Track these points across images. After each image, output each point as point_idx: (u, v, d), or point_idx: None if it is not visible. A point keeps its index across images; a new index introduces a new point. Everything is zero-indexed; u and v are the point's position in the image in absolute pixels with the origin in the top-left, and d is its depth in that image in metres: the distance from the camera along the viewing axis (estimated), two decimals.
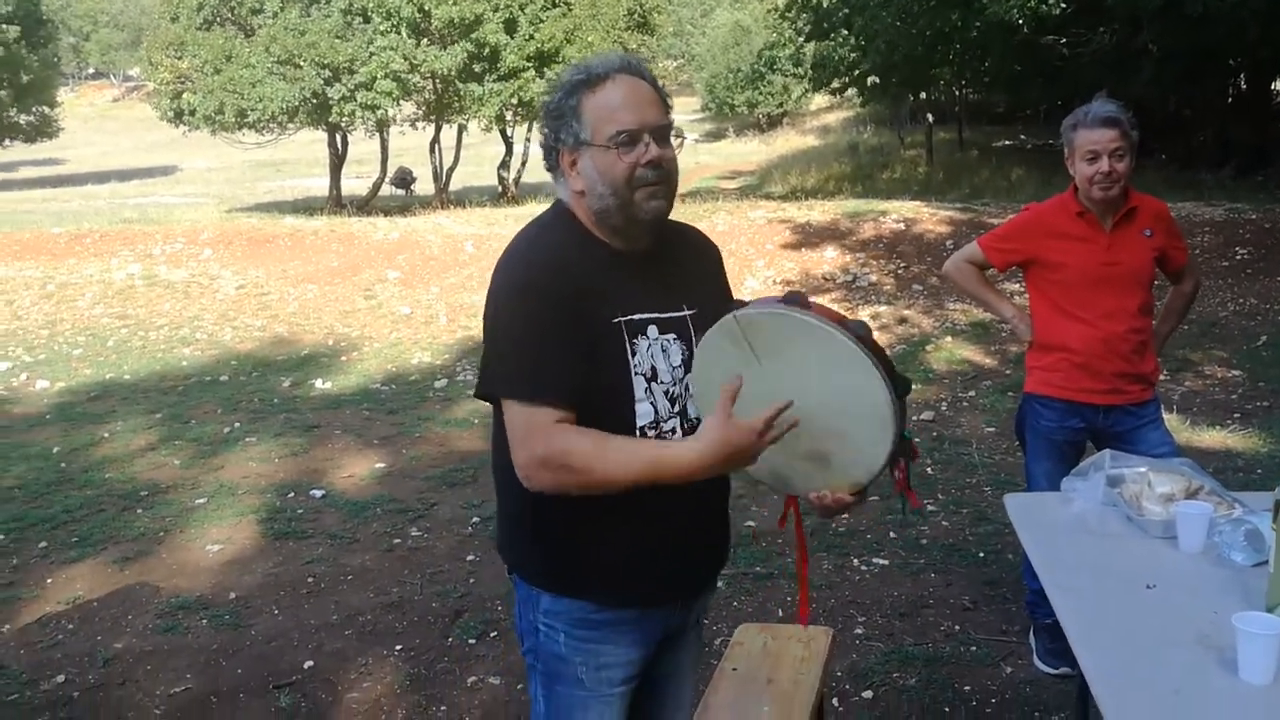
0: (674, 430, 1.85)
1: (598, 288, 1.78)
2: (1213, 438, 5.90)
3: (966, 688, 3.40)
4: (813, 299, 1.83)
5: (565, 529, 1.83)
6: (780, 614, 3.98)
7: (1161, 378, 3.49)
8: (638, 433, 1.80)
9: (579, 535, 1.83)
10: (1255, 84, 18.95)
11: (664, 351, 1.84)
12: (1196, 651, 1.89)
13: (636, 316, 1.81)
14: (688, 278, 1.93)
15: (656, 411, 1.82)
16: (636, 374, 1.80)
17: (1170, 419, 4.75)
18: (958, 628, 3.81)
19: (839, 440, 1.77)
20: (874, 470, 1.79)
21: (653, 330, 1.83)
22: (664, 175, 1.78)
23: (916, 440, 1.90)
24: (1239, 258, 10.21)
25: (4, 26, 33.95)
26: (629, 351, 1.79)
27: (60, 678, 3.72)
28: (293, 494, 5.60)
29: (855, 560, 4.44)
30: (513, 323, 1.76)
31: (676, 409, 1.85)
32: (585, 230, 1.83)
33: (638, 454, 1.71)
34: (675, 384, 1.85)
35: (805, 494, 1.87)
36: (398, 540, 4.90)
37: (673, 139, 1.80)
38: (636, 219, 1.78)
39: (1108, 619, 2.06)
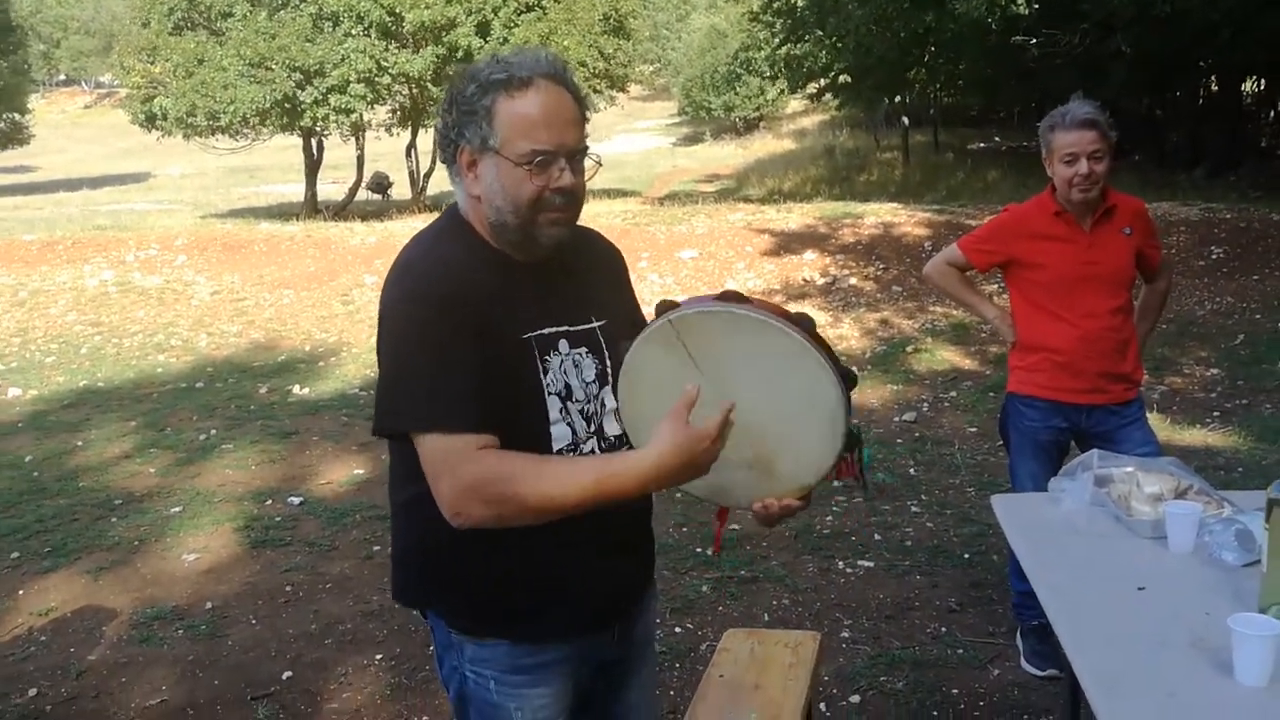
0: (593, 451, 1.72)
1: (502, 302, 1.64)
2: (1193, 436, 5.93)
3: (954, 691, 3.38)
4: (787, 307, 1.73)
5: (484, 570, 1.70)
6: (766, 618, 3.95)
7: (1143, 376, 3.48)
8: None
9: (499, 575, 1.71)
10: (1225, 85, 19.15)
11: (576, 367, 1.71)
12: (1190, 654, 1.87)
13: (546, 331, 1.68)
14: (594, 287, 1.80)
15: (574, 433, 1.69)
16: (550, 394, 1.67)
17: (1151, 418, 4.74)
18: (944, 630, 3.79)
19: (785, 443, 1.65)
20: (823, 471, 1.67)
21: (563, 345, 1.70)
22: (571, 202, 1.65)
23: (862, 435, 1.77)
24: (1215, 257, 10.29)
25: None
26: (540, 370, 1.66)
27: (32, 691, 3.64)
28: (270, 501, 5.53)
29: (840, 562, 4.42)
30: (416, 344, 1.59)
31: (593, 428, 1.72)
32: (482, 240, 1.69)
33: (583, 470, 1.59)
34: (590, 401, 1.72)
35: (748, 504, 1.71)
36: (377, 547, 4.84)
37: (587, 162, 1.68)
38: (535, 241, 1.66)
39: (1099, 621, 2.04)
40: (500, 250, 1.69)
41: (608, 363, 1.75)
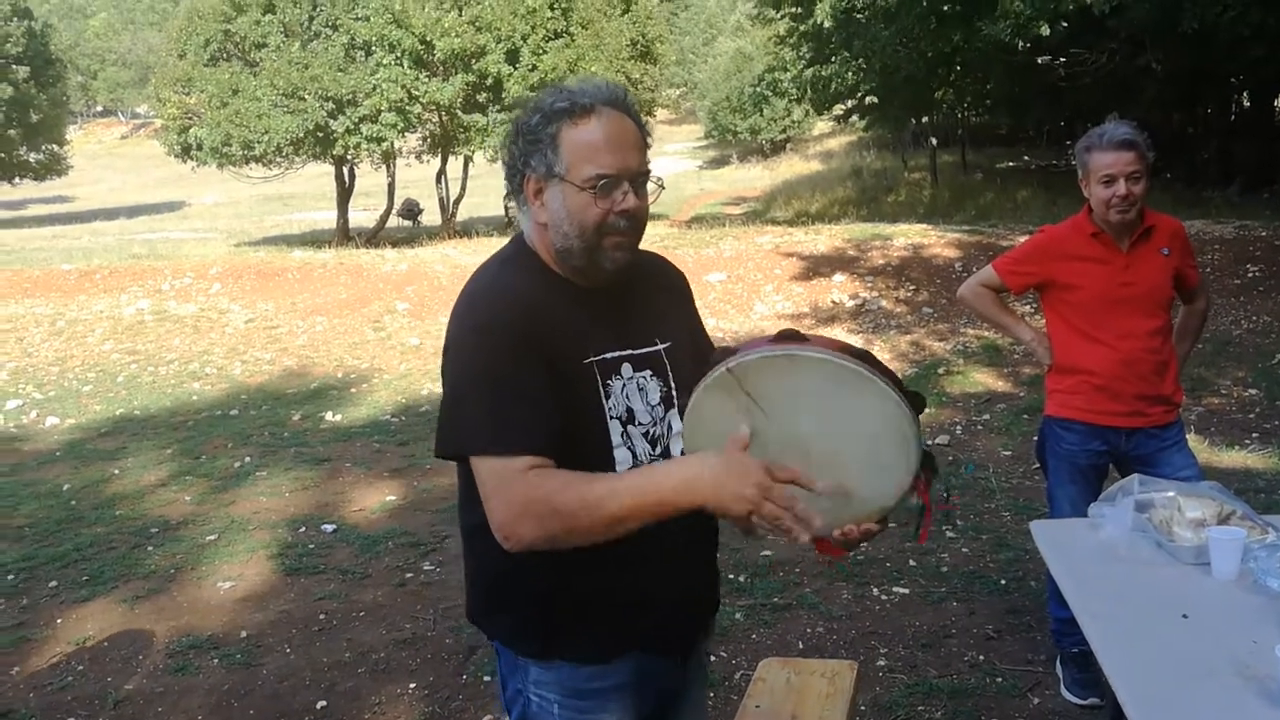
0: None
1: (565, 327, 1.67)
2: (1232, 458, 5.84)
3: None
4: (816, 330, 1.72)
5: (548, 592, 1.73)
6: (801, 646, 3.92)
7: (1183, 399, 3.43)
8: None
9: (563, 597, 1.73)
10: (1258, 102, 18.99)
11: (640, 390, 1.74)
12: (1236, 683, 1.83)
13: (609, 355, 1.71)
14: (658, 310, 1.83)
15: (635, 456, 1.72)
16: (611, 418, 1.70)
17: (1189, 439, 4.70)
18: (982, 658, 3.74)
19: (860, 470, 1.66)
20: (902, 490, 1.68)
21: (626, 369, 1.73)
22: (635, 226, 1.68)
23: (935, 454, 1.75)
24: (1250, 275, 10.16)
25: (14, 67, 34.35)
26: (602, 394, 1.69)
27: None
28: (304, 529, 5.56)
29: (875, 589, 4.37)
30: (478, 369, 1.63)
31: (658, 450, 1.74)
32: (546, 267, 1.73)
33: (624, 478, 1.60)
34: (656, 424, 1.74)
35: (828, 533, 1.72)
36: (410, 575, 4.85)
37: (649, 185, 1.71)
38: (599, 265, 1.69)
39: (1142, 648, 2.00)
40: (564, 276, 1.73)
41: (673, 385, 1.77)
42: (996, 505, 5.31)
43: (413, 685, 3.81)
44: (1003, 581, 4.38)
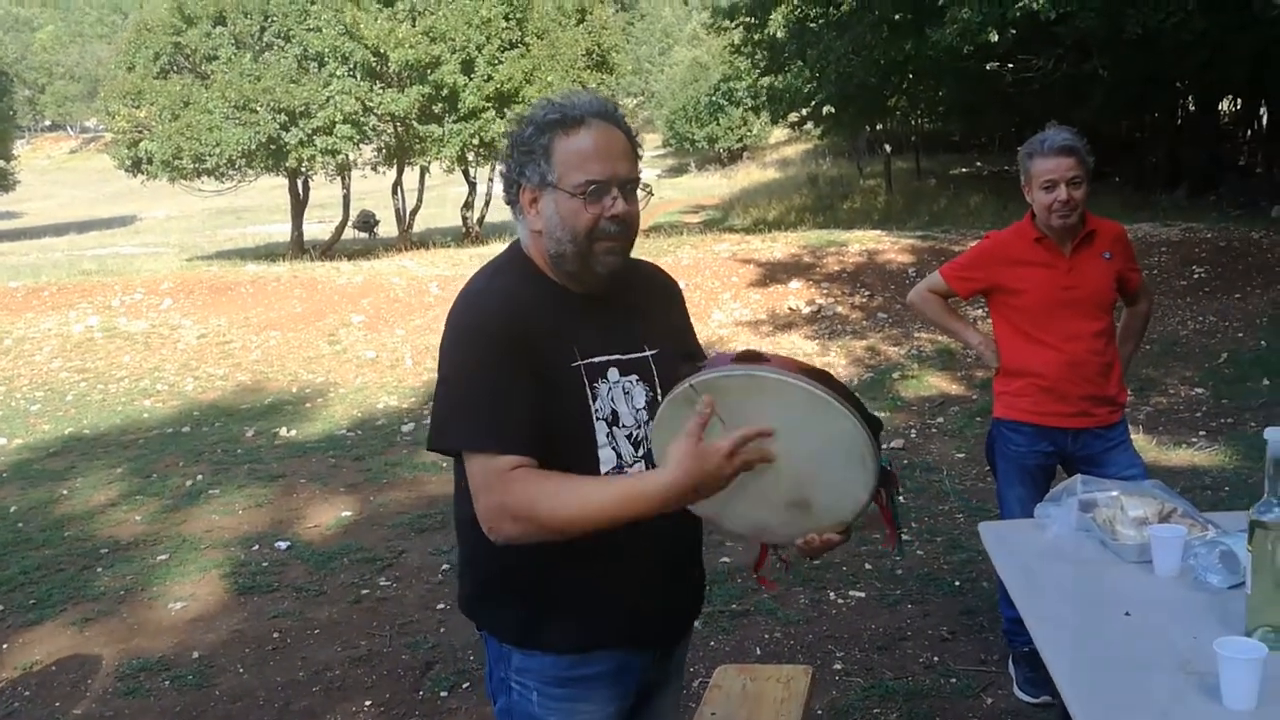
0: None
1: (555, 331, 1.75)
2: (1179, 456, 5.94)
3: None
4: (773, 337, 1.77)
5: (533, 582, 1.79)
6: (759, 652, 3.93)
7: (1127, 399, 3.49)
8: None
9: (548, 588, 1.79)
10: (1203, 106, 19.38)
11: (626, 394, 1.80)
12: (1178, 677, 1.86)
13: (596, 359, 1.78)
14: (648, 317, 1.89)
15: (620, 457, 1.79)
16: (598, 419, 1.77)
17: (1137, 439, 4.79)
18: (936, 659, 3.77)
19: (820, 485, 1.72)
20: (859, 506, 1.75)
21: (613, 373, 1.80)
22: (625, 231, 1.76)
23: (894, 467, 1.82)
24: (1196, 276, 10.36)
25: None
26: (589, 396, 1.76)
27: None
28: (257, 546, 5.48)
29: (831, 593, 4.40)
30: (469, 370, 1.71)
31: (640, 453, 1.81)
32: (540, 272, 1.80)
33: (604, 489, 1.67)
34: (639, 427, 1.81)
35: (790, 541, 1.81)
36: (366, 591, 4.80)
37: (639, 192, 1.78)
38: (591, 270, 1.76)
39: (1087, 646, 2.03)
40: (558, 282, 1.80)
41: (659, 391, 1.83)
42: (950, 507, 5.37)
43: (368, 703, 3.77)
44: (956, 583, 4.42)
